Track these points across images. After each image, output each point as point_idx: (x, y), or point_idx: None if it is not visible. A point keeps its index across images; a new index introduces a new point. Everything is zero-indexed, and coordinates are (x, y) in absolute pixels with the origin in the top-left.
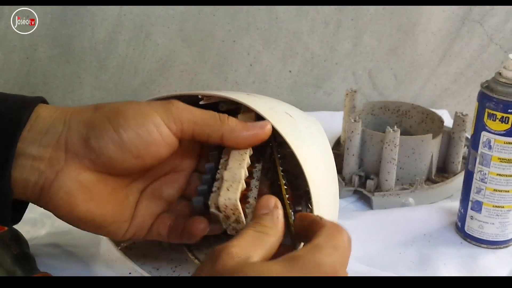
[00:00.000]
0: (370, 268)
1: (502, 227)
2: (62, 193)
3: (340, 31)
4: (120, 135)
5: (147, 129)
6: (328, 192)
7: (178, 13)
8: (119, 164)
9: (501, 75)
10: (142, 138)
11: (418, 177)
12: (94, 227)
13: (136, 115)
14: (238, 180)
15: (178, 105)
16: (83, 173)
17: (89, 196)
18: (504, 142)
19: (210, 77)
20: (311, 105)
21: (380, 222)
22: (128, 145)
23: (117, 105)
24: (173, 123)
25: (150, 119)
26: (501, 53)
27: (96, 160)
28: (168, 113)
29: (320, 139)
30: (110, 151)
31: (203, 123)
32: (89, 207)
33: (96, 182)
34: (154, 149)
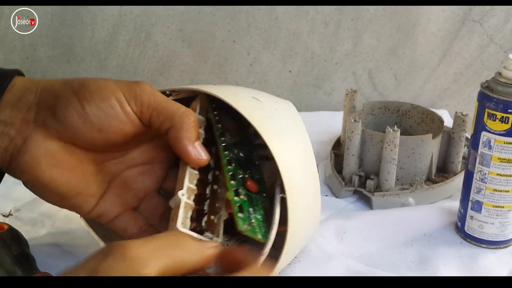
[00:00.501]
0: (370, 268)
1: (502, 227)
2: (28, 158)
3: (340, 31)
4: (83, 106)
5: (109, 103)
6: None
7: (178, 13)
8: (83, 136)
9: (501, 75)
10: (104, 111)
11: (418, 177)
12: (59, 196)
13: (100, 89)
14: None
15: (144, 87)
16: (50, 140)
17: (54, 162)
18: (504, 142)
19: (210, 77)
20: (311, 105)
21: (380, 222)
22: (91, 117)
23: (85, 79)
24: (133, 103)
25: (113, 95)
26: (501, 53)
27: (61, 130)
28: (131, 92)
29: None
30: (74, 122)
31: (161, 110)
32: (53, 174)
33: (62, 151)
34: (116, 124)
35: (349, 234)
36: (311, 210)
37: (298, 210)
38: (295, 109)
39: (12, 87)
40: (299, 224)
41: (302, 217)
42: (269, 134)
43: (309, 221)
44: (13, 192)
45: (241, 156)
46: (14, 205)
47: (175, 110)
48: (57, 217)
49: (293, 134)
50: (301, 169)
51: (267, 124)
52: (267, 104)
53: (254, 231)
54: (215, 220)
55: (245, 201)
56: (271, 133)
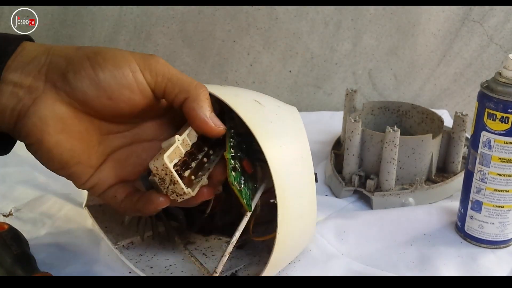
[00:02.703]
0: (370, 268)
1: (502, 227)
2: (36, 119)
3: (340, 31)
4: (96, 72)
5: (123, 71)
6: (297, 178)
7: (178, 13)
8: (92, 102)
9: (501, 75)
10: (117, 79)
11: (418, 177)
12: (60, 163)
13: (115, 57)
14: (171, 144)
15: (158, 59)
16: (59, 104)
17: (61, 127)
18: (504, 142)
19: (210, 77)
20: (311, 105)
21: (380, 222)
22: (103, 84)
23: (99, 47)
24: (148, 73)
25: (128, 64)
26: (501, 53)
27: (71, 94)
28: (146, 63)
29: (292, 125)
30: (85, 86)
31: (176, 81)
32: (60, 139)
33: (71, 116)
34: (127, 93)
35: (349, 234)
36: (304, 220)
37: (289, 218)
38: (299, 116)
39: (22, 51)
40: (289, 232)
41: (293, 225)
42: (265, 138)
43: (301, 230)
44: (13, 192)
45: (243, 147)
46: (14, 205)
47: (189, 82)
48: (57, 217)
49: (291, 140)
50: (297, 176)
51: (265, 128)
52: (269, 108)
53: (241, 194)
54: (194, 180)
55: (238, 171)
56: (268, 137)
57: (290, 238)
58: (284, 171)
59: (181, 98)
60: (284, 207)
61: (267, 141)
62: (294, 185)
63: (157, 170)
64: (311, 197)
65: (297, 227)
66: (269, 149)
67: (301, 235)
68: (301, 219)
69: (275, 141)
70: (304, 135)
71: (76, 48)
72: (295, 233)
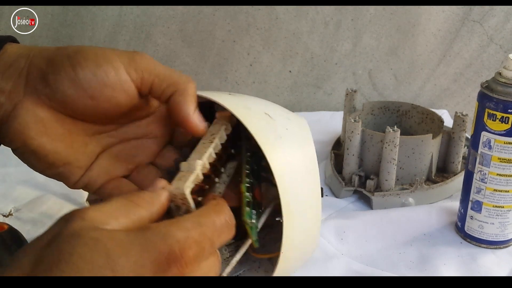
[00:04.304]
0: (370, 268)
1: (502, 227)
2: (17, 124)
3: (340, 31)
4: (76, 72)
5: (104, 70)
6: (304, 196)
7: (178, 13)
8: (74, 103)
9: (501, 75)
10: (98, 78)
11: (418, 177)
12: (46, 165)
13: (97, 56)
14: (192, 170)
15: (144, 55)
16: (40, 108)
17: (43, 130)
18: (504, 142)
19: (210, 77)
20: (311, 105)
21: (380, 222)
22: (83, 83)
23: (81, 46)
24: (133, 70)
25: (110, 62)
26: (501, 53)
27: (52, 96)
28: (131, 60)
29: (302, 141)
30: (65, 87)
31: (163, 77)
32: (42, 141)
33: (52, 119)
34: (109, 92)
35: (349, 234)
36: (308, 236)
37: (294, 236)
38: (308, 128)
39: (4, 53)
40: (293, 250)
41: (297, 243)
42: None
43: (305, 246)
44: (13, 192)
45: (255, 169)
46: (14, 205)
47: (178, 76)
48: (57, 217)
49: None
50: (304, 193)
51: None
52: (279, 121)
53: (252, 230)
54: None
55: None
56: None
57: (293, 256)
58: (292, 190)
59: (169, 92)
60: (290, 227)
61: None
62: (301, 203)
63: (175, 197)
64: (317, 212)
65: (301, 244)
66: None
67: (305, 251)
68: (306, 236)
69: (284, 160)
70: (312, 149)
71: (57, 48)
72: (299, 250)
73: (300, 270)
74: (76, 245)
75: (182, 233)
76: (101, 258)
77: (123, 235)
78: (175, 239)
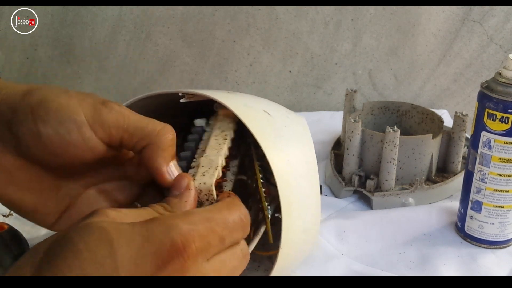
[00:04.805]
0: (370, 268)
1: (502, 227)
2: None
3: (340, 31)
4: (38, 127)
5: (66, 127)
6: (303, 195)
7: (178, 13)
8: (37, 157)
9: (501, 75)
10: (60, 136)
11: (418, 177)
12: (14, 209)
13: (59, 110)
14: (215, 166)
15: (113, 107)
16: (7, 156)
17: (9, 179)
18: (504, 142)
19: (210, 77)
20: (311, 105)
21: (380, 222)
22: (45, 140)
23: (46, 94)
24: (99, 127)
25: (73, 118)
26: (501, 53)
27: (17, 146)
28: (96, 115)
29: (301, 139)
30: (28, 142)
31: (134, 131)
32: (7, 191)
33: (19, 167)
34: (72, 150)
35: (349, 234)
36: (307, 234)
37: (293, 234)
38: (307, 127)
39: None
40: (292, 247)
41: (296, 240)
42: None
43: (304, 244)
44: None
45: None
46: None
47: (150, 129)
48: None
49: (299, 155)
50: (303, 191)
51: (274, 142)
52: (278, 119)
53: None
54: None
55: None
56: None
57: (292, 253)
58: (291, 187)
59: (141, 145)
60: (289, 224)
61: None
62: (300, 201)
63: (200, 192)
64: (316, 210)
65: (300, 241)
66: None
67: (304, 248)
68: (305, 233)
69: (283, 157)
70: (311, 147)
71: (23, 94)
72: (298, 248)
73: (300, 270)
74: (84, 234)
75: (187, 226)
76: (104, 247)
77: (129, 226)
78: (179, 231)
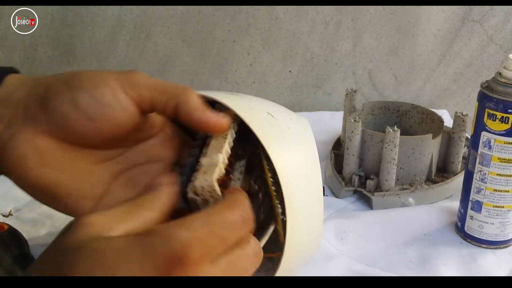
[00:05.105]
0: (370, 268)
1: (502, 227)
2: (15, 156)
3: (340, 31)
4: (74, 94)
5: (101, 91)
6: (307, 197)
7: (178, 13)
8: (74, 126)
9: (501, 75)
10: (96, 99)
11: (418, 177)
12: (48, 196)
13: (92, 78)
14: (215, 164)
15: (138, 73)
16: (39, 137)
17: (43, 161)
18: (504, 142)
19: (210, 77)
20: (311, 105)
21: (380, 222)
22: (82, 105)
23: (76, 71)
24: (130, 88)
25: (106, 82)
26: (501, 53)
27: (51, 122)
28: (125, 78)
29: (304, 141)
30: (64, 110)
31: (162, 90)
32: (42, 173)
33: (53, 148)
34: (109, 112)
35: (349, 234)
36: (311, 236)
37: (297, 236)
38: (310, 128)
39: (3, 84)
40: (296, 249)
41: (300, 242)
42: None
43: (308, 246)
44: (13, 192)
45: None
46: (14, 205)
47: (175, 86)
48: (57, 217)
49: (303, 157)
50: (307, 193)
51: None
52: (281, 121)
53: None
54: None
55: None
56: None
57: (296, 255)
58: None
59: (172, 105)
60: (293, 226)
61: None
62: (304, 202)
63: (202, 190)
64: (319, 212)
65: (304, 243)
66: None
67: (307, 250)
68: (308, 235)
69: (287, 158)
70: (315, 149)
71: (54, 75)
72: (301, 249)
73: (300, 270)
74: (76, 258)
75: (186, 234)
76: (101, 270)
77: (124, 242)
78: (177, 241)
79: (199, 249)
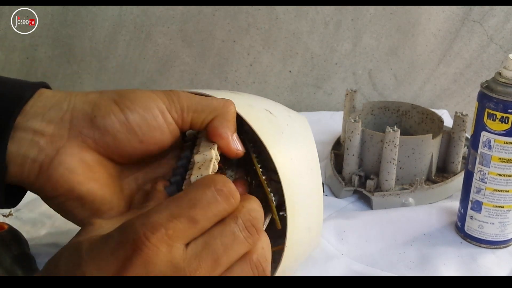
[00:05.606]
0: (370, 268)
1: (502, 227)
2: (63, 170)
3: (340, 31)
4: (126, 115)
5: (152, 113)
6: (307, 193)
7: (178, 13)
8: (123, 146)
9: (501, 75)
10: (148, 121)
11: (418, 177)
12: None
13: (142, 98)
14: (209, 159)
15: (179, 93)
16: (86, 151)
17: (91, 175)
18: (504, 142)
19: (210, 77)
20: (311, 105)
21: (380, 222)
22: (134, 126)
23: (121, 90)
24: (174, 111)
25: (155, 104)
26: (501, 53)
27: (99, 140)
28: (170, 101)
29: (303, 138)
30: (115, 130)
31: (202, 110)
32: (92, 187)
33: (97, 163)
34: (158, 135)
35: (349, 234)
36: (311, 232)
37: (298, 231)
38: (309, 126)
39: (41, 96)
40: (296, 245)
41: (301, 238)
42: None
43: (308, 242)
44: None
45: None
46: None
47: (215, 105)
48: (57, 217)
49: (302, 153)
50: (306, 189)
51: (277, 141)
52: (280, 118)
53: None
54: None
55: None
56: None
57: (296, 251)
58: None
59: (208, 119)
60: (293, 221)
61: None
62: (304, 198)
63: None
64: (319, 209)
65: (305, 239)
66: (281, 164)
67: (307, 247)
68: (309, 231)
69: (286, 155)
70: (313, 145)
71: (99, 93)
72: (302, 245)
73: (300, 270)
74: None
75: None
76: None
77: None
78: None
79: (161, 231)
